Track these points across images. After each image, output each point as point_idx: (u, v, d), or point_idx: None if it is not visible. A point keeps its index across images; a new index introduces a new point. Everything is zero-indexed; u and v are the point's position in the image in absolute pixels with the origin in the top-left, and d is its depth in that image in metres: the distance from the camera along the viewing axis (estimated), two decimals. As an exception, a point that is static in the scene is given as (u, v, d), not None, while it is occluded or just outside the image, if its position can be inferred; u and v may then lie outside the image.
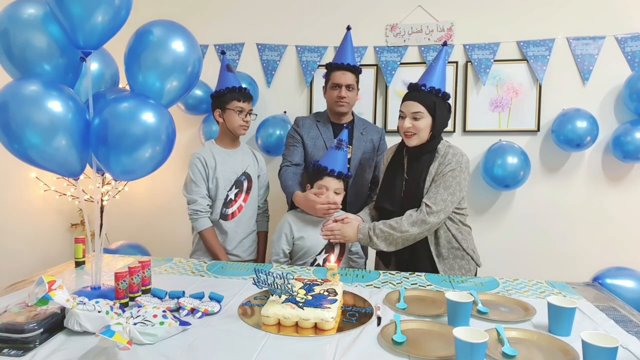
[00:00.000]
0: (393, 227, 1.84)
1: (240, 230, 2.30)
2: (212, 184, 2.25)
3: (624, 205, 2.89)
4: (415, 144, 1.88)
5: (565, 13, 2.87)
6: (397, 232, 1.83)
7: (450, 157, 1.87)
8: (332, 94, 2.31)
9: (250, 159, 2.38)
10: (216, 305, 1.40)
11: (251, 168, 2.35)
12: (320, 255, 2.07)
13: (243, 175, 2.31)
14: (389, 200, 1.95)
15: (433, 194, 1.85)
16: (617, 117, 2.86)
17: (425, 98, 1.85)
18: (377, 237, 1.86)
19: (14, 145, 1.36)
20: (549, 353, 1.14)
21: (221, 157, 2.28)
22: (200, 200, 2.22)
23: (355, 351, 1.14)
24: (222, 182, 2.25)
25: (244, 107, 2.26)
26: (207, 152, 2.28)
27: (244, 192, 2.31)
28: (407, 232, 1.82)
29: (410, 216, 1.84)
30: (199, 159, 2.25)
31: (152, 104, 1.46)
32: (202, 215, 2.23)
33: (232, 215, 2.29)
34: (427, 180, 1.88)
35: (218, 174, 2.25)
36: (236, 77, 2.33)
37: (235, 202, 2.29)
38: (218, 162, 2.26)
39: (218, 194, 2.26)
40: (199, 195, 2.23)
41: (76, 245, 1.86)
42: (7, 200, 2.81)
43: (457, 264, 1.93)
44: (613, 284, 2.61)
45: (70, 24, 1.36)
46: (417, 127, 1.85)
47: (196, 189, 2.23)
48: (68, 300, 1.18)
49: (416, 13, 3.01)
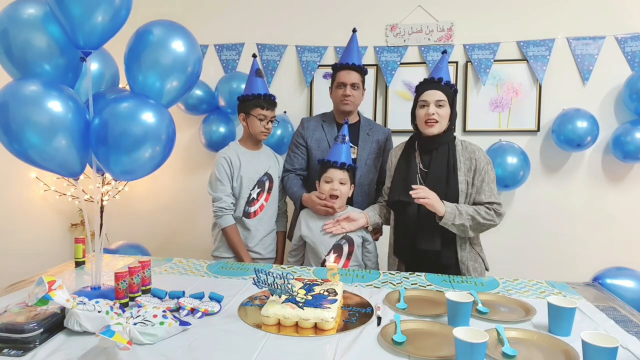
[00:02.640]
0: (479, 213, 1.87)
1: (262, 229, 2.35)
2: (236, 182, 2.31)
3: (624, 205, 2.89)
4: (437, 131, 1.92)
5: (565, 13, 2.87)
6: (481, 219, 1.86)
7: (478, 153, 1.95)
8: (337, 92, 2.33)
9: (271, 160, 2.43)
10: (216, 305, 1.40)
11: (272, 169, 2.40)
12: (329, 256, 2.07)
13: (265, 175, 2.36)
14: (405, 193, 1.93)
15: (489, 189, 1.91)
16: (617, 117, 2.86)
17: (445, 89, 1.94)
18: (462, 215, 1.85)
19: (14, 145, 1.36)
20: (549, 353, 1.14)
21: (245, 157, 2.34)
22: (225, 198, 2.27)
23: (355, 351, 1.14)
24: (246, 181, 2.31)
25: (267, 114, 2.30)
26: (232, 152, 2.34)
27: (266, 191, 2.36)
28: (492, 222, 1.88)
29: (487, 212, 1.88)
30: (225, 159, 2.31)
31: (152, 104, 1.46)
32: (226, 213, 2.28)
33: (255, 213, 2.33)
34: (454, 172, 1.91)
35: (242, 173, 2.30)
36: (264, 83, 2.37)
37: (257, 201, 2.34)
38: (242, 162, 2.32)
39: (242, 192, 2.31)
40: (224, 193, 2.28)
41: (76, 245, 1.86)
42: (7, 200, 2.81)
43: (472, 266, 1.95)
44: (613, 284, 2.60)
45: (70, 24, 1.36)
46: (440, 115, 1.91)
47: (221, 187, 2.29)
48: (68, 300, 1.18)
49: (416, 13, 3.01)
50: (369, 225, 2.11)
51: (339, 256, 2.07)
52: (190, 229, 3.29)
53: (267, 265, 1.99)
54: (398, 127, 2.95)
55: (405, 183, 1.96)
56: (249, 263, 2.12)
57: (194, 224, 3.28)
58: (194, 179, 3.27)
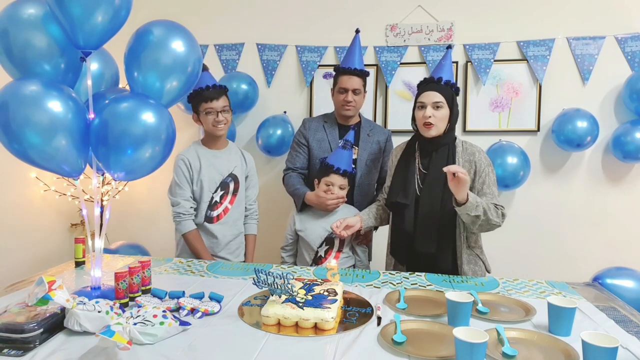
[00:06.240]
0: (490, 209, 1.80)
1: (228, 233, 2.26)
2: (196, 186, 2.20)
3: (624, 205, 2.89)
4: (434, 134, 1.90)
5: (565, 13, 2.87)
6: (491, 216, 1.80)
7: (479, 154, 1.92)
8: (338, 97, 2.33)
9: (237, 159, 2.32)
10: (216, 305, 1.40)
11: (238, 169, 2.29)
12: (322, 248, 2.16)
13: (229, 176, 2.26)
14: (403, 194, 1.93)
15: (490, 192, 1.88)
16: (617, 117, 2.86)
17: (443, 90, 1.90)
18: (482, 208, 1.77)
19: (14, 145, 1.36)
20: (549, 353, 1.14)
21: (206, 158, 2.23)
22: (183, 203, 2.17)
23: (355, 351, 1.14)
24: (207, 184, 2.20)
25: (213, 106, 2.15)
26: (192, 153, 2.23)
27: (230, 193, 2.27)
28: (497, 223, 1.82)
29: (496, 211, 1.84)
30: (184, 161, 2.19)
31: (152, 104, 1.46)
32: (184, 218, 2.18)
33: (218, 217, 2.24)
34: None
35: (203, 176, 2.19)
36: (208, 75, 2.19)
37: (220, 204, 2.24)
38: (203, 164, 2.20)
39: (203, 196, 2.20)
40: (183, 197, 2.18)
41: (76, 245, 1.86)
42: (7, 200, 2.81)
43: (470, 270, 1.93)
44: (613, 284, 2.60)
45: (70, 24, 1.36)
46: (437, 117, 1.88)
47: (180, 191, 2.18)
48: (68, 300, 1.18)
49: (416, 13, 3.01)
50: (362, 230, 2.11)
51: (330, 248, 2.16)
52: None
53: (267, 265, 1.99)
54: (398, 127, 2.96)
55: (404, 184, 1.95)
56: None
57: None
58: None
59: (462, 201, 1.72)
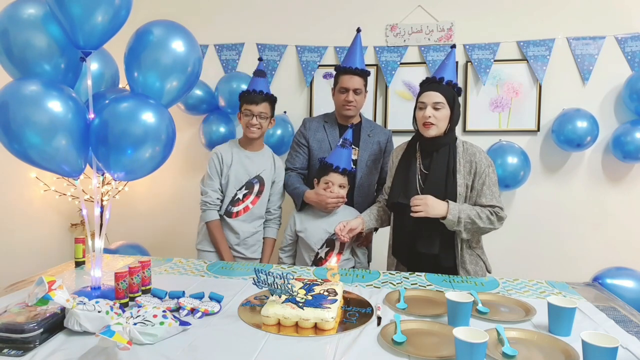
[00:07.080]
0: (481, 217, 1.84)
1: (245, 229, 2.34)
2: (224, 179, 2.32)
3: (624, 205, 2.89)
4: (434, 134, 1.90)
5: (565, 13, 2.87)
6: (482, 223, 1.84)
7: (479, 155, 1.92)
8: (339, 97, 2.32)
9: (268, 164, 2.39)
10: (216, 305, 1.40)
11: (266, 173, 2.37)
12: (322, 249, 2.15)
13: (256, 178, 2.34)
14: (404, 195, 1.94)
15: (490, 193, 1.88)
16: (617, 117, 2.86)
17: (444, 90, 1.90)
18: (463, 222, 1.83)
19: (14, 145, 1.36)
20: (549, 353, 1.14)
21: (238, 156, 2.34)
22: (210, 193, 2.30)
23: (355, 351, 1.14)
24: (233, 180, 2.31)
25: (252, 109, 2.27)
26: (226, 149, 2.36)
27: (254, 194, 2.34)
28: (492, 227, 1.86)
29: (490, 216, 1.85)
30: (217, 154, 2.33)
31: (152, 104, 1.46)
32: (210, 208, 2.30)
33: (237, 214, 2.33)
34: (453, 174, 1.89)
35: (231, 172, 2.31)
36: (260, 81, 2.33)
37: (242, 202, 2.33)
38: (234, 161, 2.32)
39: (227, 191, 2.32)
40: (211, 188, 2.30)
41: (76, 245, 1.86)
42: (7, 200, 2.81)
43: (471, 270, 1.94)
44: (613, 284, 2.61)
45: (70, 24, 1.36)
46: (437, 117, 1.88)
47: (209, 182, 2.31)
48: (68, 300, 1.18)
49: (416, 13, 3.01)
50: (363, 232, 2.12)
51: (331, 249, 2.14)
52: (190, 229, 3.26)
53: (267, 265, 1.99)
54: (398, 127, 2.96)
55: (405, 185, 1.95)
56: (228, 261, 2.16)
57: (194, 224, 3.25)
58: (194, 179, 3.26)
59: (441, 217, 1.81)
